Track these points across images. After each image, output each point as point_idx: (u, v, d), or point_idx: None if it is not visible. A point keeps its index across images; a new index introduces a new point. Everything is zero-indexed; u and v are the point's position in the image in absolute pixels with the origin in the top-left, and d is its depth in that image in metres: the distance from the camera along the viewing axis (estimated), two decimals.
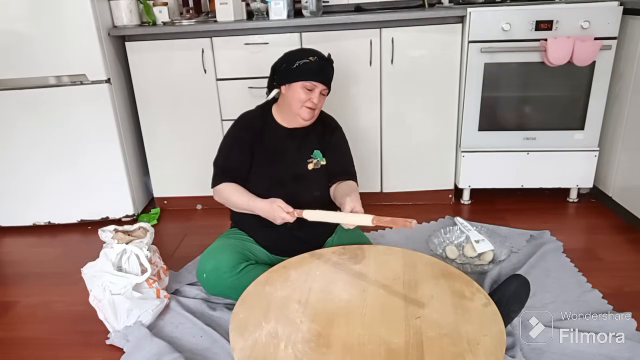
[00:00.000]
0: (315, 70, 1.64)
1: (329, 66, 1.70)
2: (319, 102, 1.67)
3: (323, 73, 1.66)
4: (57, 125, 2.31)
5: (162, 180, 2.57)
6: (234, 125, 1.78)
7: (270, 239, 1.73)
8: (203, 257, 1.69)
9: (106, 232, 1.73)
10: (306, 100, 1.64)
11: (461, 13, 2.18)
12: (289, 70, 1.66)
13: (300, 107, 1.66)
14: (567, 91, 2.30)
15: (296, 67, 1.64)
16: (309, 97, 1.64)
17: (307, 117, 1.67)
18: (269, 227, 1.64)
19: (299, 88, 1.64)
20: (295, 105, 1.66)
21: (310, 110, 1.66)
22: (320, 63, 1.66)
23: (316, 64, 1.65)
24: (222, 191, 1.70)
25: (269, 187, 1.67)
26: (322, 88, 1.66)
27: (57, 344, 1.66)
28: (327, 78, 1.69)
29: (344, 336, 1.18)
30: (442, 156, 2.44)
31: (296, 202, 1.58)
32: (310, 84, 1.63)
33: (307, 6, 2.28)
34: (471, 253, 1.97)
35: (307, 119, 1.68)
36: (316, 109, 1.68)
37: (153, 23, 2.39)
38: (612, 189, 2.31)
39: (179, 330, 1.64)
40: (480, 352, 1.11)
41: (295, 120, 1.70)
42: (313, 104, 1.65)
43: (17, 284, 2.08)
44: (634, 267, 1.92)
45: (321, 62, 1.66)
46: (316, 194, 1.73)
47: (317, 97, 1.65)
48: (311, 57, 1.65)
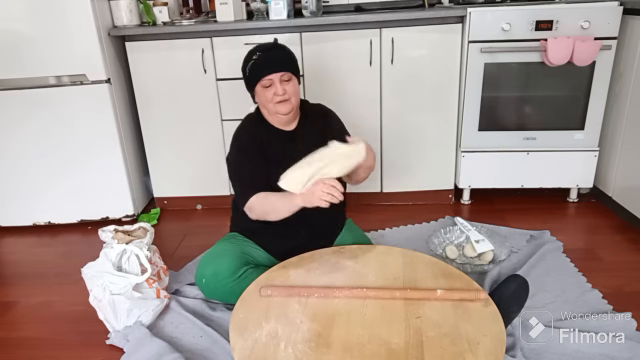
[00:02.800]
0: (262, 64, 1.59)
1: (276, 51, 1.62)
2: (286, 91, 1.59)
3: (270, 63, 1.59)
4: (57, 125, 2.31)
5: (162, 180, 2.57)
6: (235, 141, 1.70)
7: (284, 248, 1.67)
8: (202, 263, 1.67)
9: (106, 232, 1.73)
10: (272, 96, 1.59)
11: (461, 13, 2.18)
12: (245, 79, 1.65)
13: (274, 105, 1.60)
14: (567, 91, 2.30)
15: (248, 73, 1.62)
16: (273, 91, 1.59)
17: (285, 111, 1.61)
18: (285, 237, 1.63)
19: (260, 91, 1.61)
20: (268, 106, 1.62)
21: (283, 103, 1.59)
22: (264, 56, 1.59)
23: (261, 59, 1.59)
24: (255, 205, 1.59)
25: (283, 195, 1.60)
26: (280, 75, 1.58)
27: (57, 344, 1.66)
28: (278, 64, 1.59)
29: (344, 336, 1.18)
30: (442, 156, 2.44)
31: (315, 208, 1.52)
32: (265, 80, 1.58)
33: (307, 6, 2.28)
34: (471, 253, 1.97)
35: (286, 112, 1.61)
36: (289, 98, 1.60)
37: (153, 23, 2.39)
38: (612, 189, 2.31)
39: (179, 330, 1.64)
40: (480, 352, 1.11)
41: (281, 119, 1.65)
42: (279, 95, 1.58)
43: (17, 284, 2.08)
44: (634, 267, 1.92)
45: (265, 53, 1.60)
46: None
47: (280, 87, 1.57)
48: (254, 56, 1.61)
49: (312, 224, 1.66)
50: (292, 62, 1.64)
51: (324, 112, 1.78)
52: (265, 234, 1.71)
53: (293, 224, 1.61)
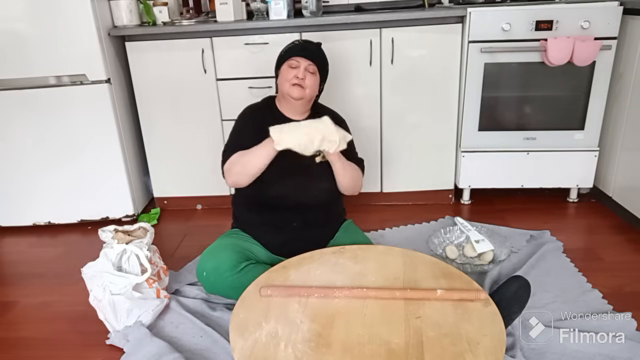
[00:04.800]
0: (298, 48, 1.71)
1: (314, 46, 1.74)
2: (306, 79, 1.67)
3: (305, 49, 1.71)
4: (57, 125, 2.31)
5: (162, 180, 2.57)
6: (240, 116, 1.79)
7: (277, 240, 1.73)
8: (203, 256, 1.69)
9: (106, 232, 1.73)
10: (292, 77, 1.67)
11: (461, 13, 2.18)
12: (278, 59, 1.75)
13: (289, 87, 1.67)
14: (567, 91, 2.30)
15: (282, 53, 1.74)
16: (294, 73, 1.67)
17: (296, 96, 1.67)
18: (276, 227, 1.66)
19: (285, 69, 1.70)
20: (284, 86, 1.69)
21: (297, 87, 1.67)
22: (303, 44, 1.73)
23: (299, 45, 1.73)
24: (233, 159, 1.64)
25: (278, 178, 1.66)
26: (307, 64, 1.69)
27: (57, 344, 1.66)
28: (311, 54, 1.71)
29: (344, 336, 1.18)
30: (442, 156, 2.44)
31: (305, 194, 1.63)
32: (294, 61, 1.68)
33: (307, 6, 2.28)
34: (471, 253, 1.97)
35: (297, 97, 1.67)
36: (305, 86, 1.67)
37: (153, 23, 2.39)
38: (612, 189, 2.31)
39: (179, 330, 1.64)
40: (480, 352, 1.11)
41: (291, 106, 1.71)
42: (298, 78, 1.66)
43: (17, 284, 2.08)
44: (634, 267, 1.92)
45: (304, 43, 1.73)
46: (325, 186, 1.73)
47: (302, 72, 1.67)
48: (296, 41, 1.76)
49: (303, 215, 1.72)
50: (324, 61, 1.76)
51: (338, 119, 1.79)
52: (258, 225, 1.74)
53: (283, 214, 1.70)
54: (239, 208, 1.84)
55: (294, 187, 1.66)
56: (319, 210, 1.75)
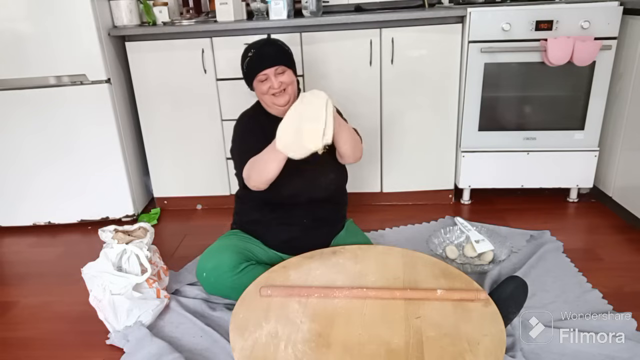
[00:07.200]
0: (256, 61, 1.65)
1: (269, 47, 1.68)
2: (281, 84, 1.65)
3: (263, 59, 1.65)
4: (57, 125, 2.31)
5: (162, 180, 2.57)
6: (238, 124, 1.78)
7: (284, 237, 1.73)
8: (203, 257, 1.69)
9: (106, 232, 1.73)
10: (267, 89, 1.65)
11: (461, 13, 2.18)
12: (244, 77, 1.72)
13: (271, 98, 1.67)
14: (567, 91, 2.30)
15: (245, 70, 1.70)
16: (268, 85, 1.65)
17: (281, 103, 1.66)
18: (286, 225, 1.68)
19: (257, 85, 1.68)
20: (265, 99, 1.69)
21: (280, 95, 1.66)
22: (258, 52, 1.66)
23: (255, 56, 1.66)
24: (249, 171, 1.59)
25: (289, 177, 1.63)
26: (274, 70, 1.64)
27: (57, 344, 1.66)
28: (271, 59, 1.65)
29: (344, 336, 1.18)
30: (442, 156, 2.44)
31: (315, 188, 1.64)
32: (261, 75, 1.64)
33: (307, 6, 2.28)
34: (471, 253, 1.97)
35: (283, 104, 1.66)
36: (285, 88, 1.65)
37: (153, 23, 2.39)
38: (612, 189, 2.31)
39: (179, 330, 1.64)
40: (480, 352, 1.11)
41: (279, 110, 1.69)
42: (274, 88, 1.64)
43: (17, 284, 2.08)
44: (634, 267, 1.92)
45: (258, 50, 1.66)
46: (332, 177, 1.74)
47: (275, 80, 1.63)
48: (249, 53, 1.67)
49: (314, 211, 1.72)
50: (285, 55, 1.69)
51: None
52: (268, 223, 1.74)
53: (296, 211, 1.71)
54: (246, 208, 1.81)
55: (305, 183, 1.66)
56: (329, 206, 1.77)
